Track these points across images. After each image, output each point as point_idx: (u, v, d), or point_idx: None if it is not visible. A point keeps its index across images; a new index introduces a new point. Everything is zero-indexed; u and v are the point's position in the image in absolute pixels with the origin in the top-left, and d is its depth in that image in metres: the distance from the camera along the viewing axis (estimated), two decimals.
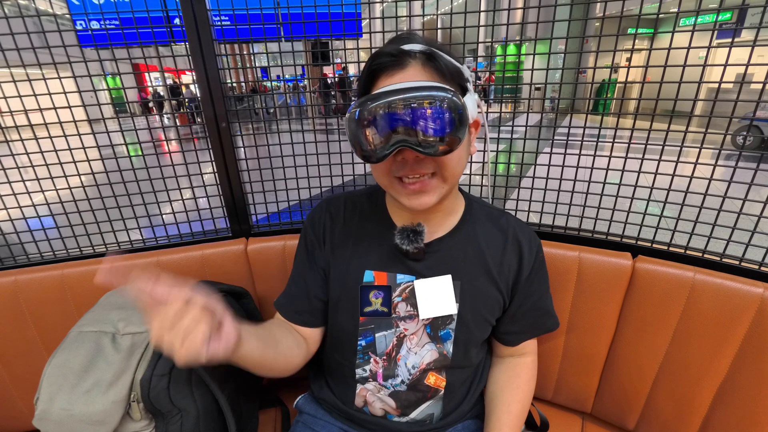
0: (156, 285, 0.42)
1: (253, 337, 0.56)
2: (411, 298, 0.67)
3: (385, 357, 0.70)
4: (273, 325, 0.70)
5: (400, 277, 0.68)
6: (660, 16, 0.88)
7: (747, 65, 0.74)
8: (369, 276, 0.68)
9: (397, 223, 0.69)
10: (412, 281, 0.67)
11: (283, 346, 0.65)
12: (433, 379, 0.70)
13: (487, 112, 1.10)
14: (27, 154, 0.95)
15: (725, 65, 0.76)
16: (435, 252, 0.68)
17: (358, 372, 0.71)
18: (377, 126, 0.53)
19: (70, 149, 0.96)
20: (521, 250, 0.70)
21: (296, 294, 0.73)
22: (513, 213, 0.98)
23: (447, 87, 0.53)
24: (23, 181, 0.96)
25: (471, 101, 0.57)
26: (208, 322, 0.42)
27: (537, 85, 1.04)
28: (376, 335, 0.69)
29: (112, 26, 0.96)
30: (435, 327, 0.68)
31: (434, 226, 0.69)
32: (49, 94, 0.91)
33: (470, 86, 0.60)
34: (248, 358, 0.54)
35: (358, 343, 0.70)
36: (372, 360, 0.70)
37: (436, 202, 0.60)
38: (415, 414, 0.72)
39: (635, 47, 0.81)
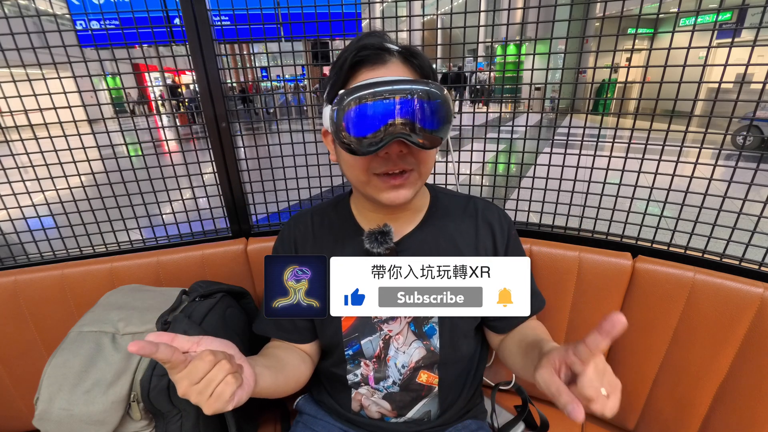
0: (175, 339, 0.43)
1: (265, 369, 0.56)
2: None
3: (374, 359, 0.69)
4: (276, 349, 0.69)
5: None
6: (660, 16, 0.88)
7: (747, 65, 0.74)
8: None
9: (365, 227, 0.69)
10: None
11: (290, 366, 0.66)
12: (425, 377, 0.70)
13: (486, 112, 1.10)
14: (27, 154, 0.95)
15: (725, 65, 0.76)
16: (407, 249, 0.68)
17: (350, 377, 0.71)
18: (372, 117, 0.52)
19: (70, 149, 0.96)
20: (492, 229, 0.70)
21: None
22: (513, 213, 0.98)
23: (437, 83, 0.54)
24: (23, 181, 0.96)
25: None
26: (235, 375, 0.43)
27: (537, 85, 1.04)
28: (362, 342, 0.69)
29: (112, 26, 0.96)
30: (418, 324, 0.68)
31: (402, 224, 0.69)
32: (49, 94, 0.91)
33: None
34: (263, 392, 0.55)
35: (345, 352, 0.69)
36: (362, 363, 0.70)
37: (412, 197, 0.60)
38: (411, 413, 0.72)
39: (635, 47, 0.81)
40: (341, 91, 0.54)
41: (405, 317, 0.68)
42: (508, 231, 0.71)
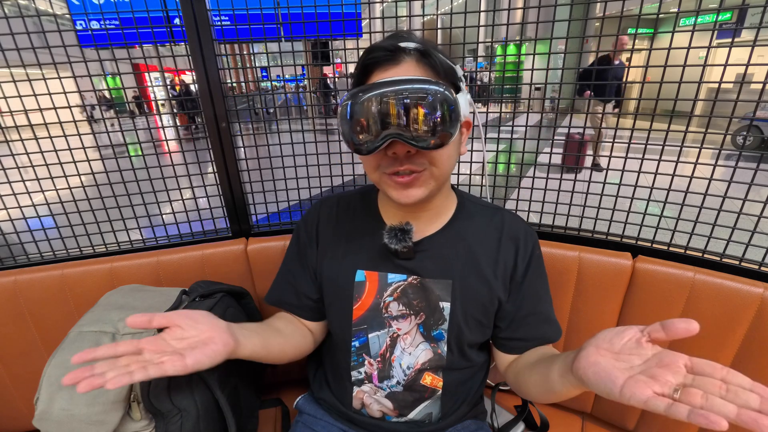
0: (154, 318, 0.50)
1: (253, 333, 0.61)
2: (403, 297, 0.67)
3: (379, 359, 0.69)
4: (277, 319, 0.74)
5: (391, 277, 0.67)
6: (660, 16, 0.88)
7: (747, 65, 0.74)
8: (360, 275, 0.68)
9: (388, 221, 0.69)
10: (404, 280, 0.67)
11: (286, 334, 0.70)
12: (429, 380, 0.70)
13: (486, 112, 1.10)
14: (27, 154, 0.95)
15: (725, 65, 0.76)
16: (425, 251, 0.67)
17: (354, 374, 0.71)
18: (369, 117, 0.53)
19: (70, 149, 0.96)
20: (517, 244, 0.69)
21: (284, 288, 0.76)
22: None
23: (440, 82, 0.53)
24: (23, 181, 0.96)
25: (463, 100, 0.57)
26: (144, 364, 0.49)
27: (537, 85, 1.04)
28: (369, 336, 0.69)
29: (112, 26, 0.96)
30: (428, 327, 0.68)
31: (424, 225, 0.68)
32: (49, 94, 0.91)
33: (463, 86, 0.60)
34: (253, 354, 0.60)
35: (352, 344, 0.69)
36: (366, 362, 0.70)
37: (424, 197, 0.60)
38: (413, 414, 0.72)
39: (635, 47, 0.81)
40: (344, 95, 0.56)
41: (416, 317, 0.68)
42: (532, 250, 0.69)
